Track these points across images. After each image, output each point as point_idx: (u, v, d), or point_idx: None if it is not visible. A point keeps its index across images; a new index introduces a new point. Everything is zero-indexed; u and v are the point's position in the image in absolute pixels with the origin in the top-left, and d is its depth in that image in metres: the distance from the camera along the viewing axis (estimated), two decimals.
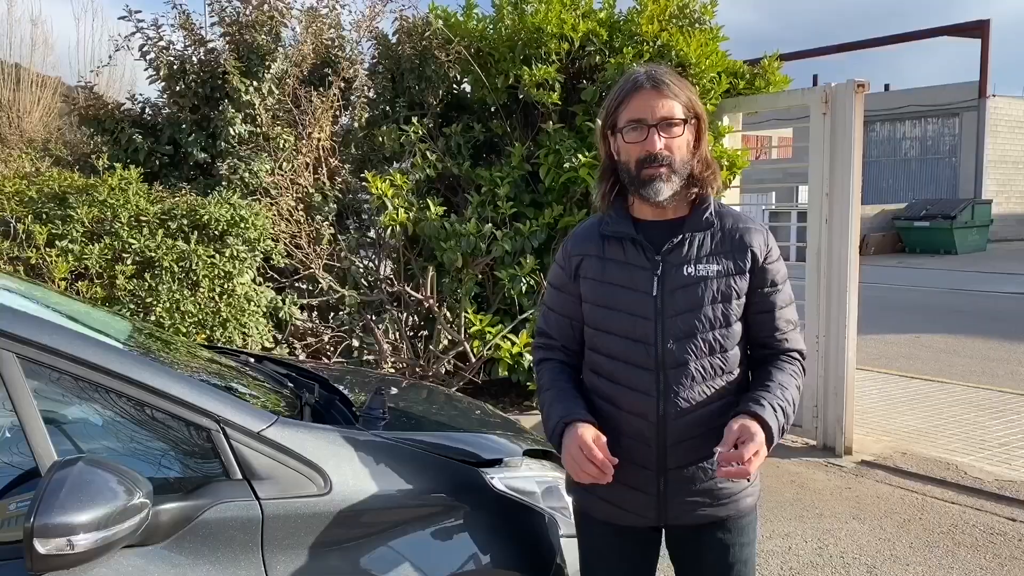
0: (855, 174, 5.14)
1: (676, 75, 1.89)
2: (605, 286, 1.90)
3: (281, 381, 2.48)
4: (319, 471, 1.82)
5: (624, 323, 1.87)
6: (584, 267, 1.93)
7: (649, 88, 1.82)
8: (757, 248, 1.88)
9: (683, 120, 1.83)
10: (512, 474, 2.15)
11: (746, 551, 1.93)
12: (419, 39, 5.81)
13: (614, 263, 1.90)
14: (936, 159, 27.50)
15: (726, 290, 1.85)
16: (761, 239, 1.89)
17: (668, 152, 1.82)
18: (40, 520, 1.40)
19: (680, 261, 1.85)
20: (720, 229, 1.88)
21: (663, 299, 1.85)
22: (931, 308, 12.22)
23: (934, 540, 4.05)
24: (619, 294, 1.88)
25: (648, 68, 1.88)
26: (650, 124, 1.81)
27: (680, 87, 1.85)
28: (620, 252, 1.89)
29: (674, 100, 1.83)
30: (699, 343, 1.84)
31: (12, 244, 4.17)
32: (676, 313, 1.84)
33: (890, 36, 25.38)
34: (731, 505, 1.90)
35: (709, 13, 5.91)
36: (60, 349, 1.66)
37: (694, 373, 1.84)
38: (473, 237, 5.40)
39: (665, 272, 1.85)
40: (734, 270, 1.86)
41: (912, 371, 7.81)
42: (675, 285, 1.85)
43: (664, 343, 1.84)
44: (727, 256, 1.86)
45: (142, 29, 5.35)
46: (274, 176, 5.33)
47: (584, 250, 1.95)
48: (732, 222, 1.90)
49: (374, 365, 5.53)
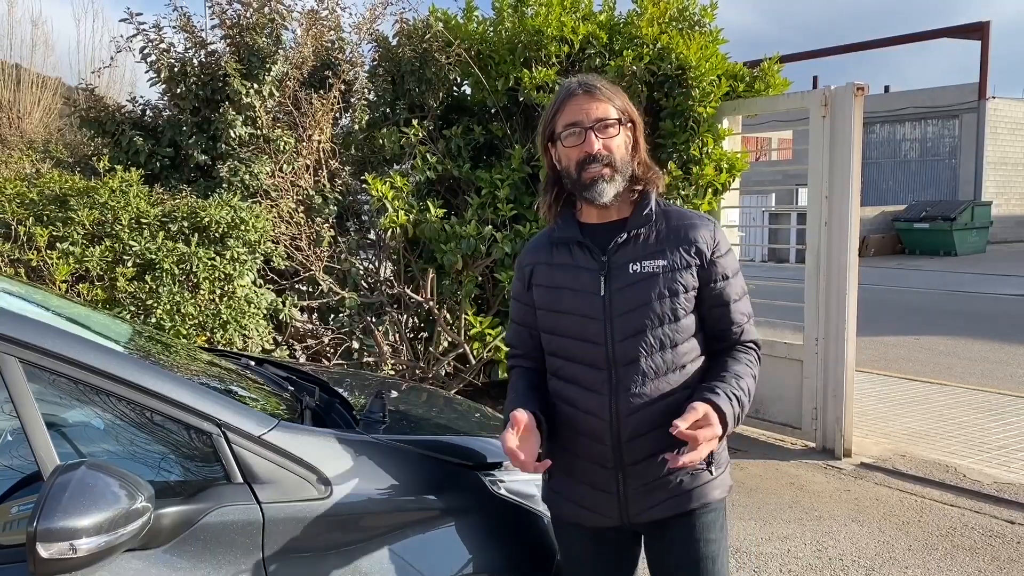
0: (854, 177, 5.15)
1: (608, 82, 1.95)
2: (554, 291, 1.95)
3: (281, 384, 2.49)
4: (319, 475, 1.83)
5: (575, 325, 1.92)
6: (535, 275, 2.00)
7: (582, 94, 1.89)
8: (703, 242, 1.90)
9: (617, 120, 1.89)
10: (511, 477, 2.16)
11: (713, 547, 1.93)
12: (419, 41, 5.82)
13: (562, 268, 1.95)
14: (936, 160, 27.51)
15: (673, 285, 1.87)
16: (708, 233, 1.92)
17: (607, 151, 1.87)
18: (43, 524, 1.41)
19: (625, 260, 1.89)
20: (664, 225, 1.92)
21: (610, 298, 1.88)
22: (930, 310, 12.23)
23: (933, 543, 4.06)
24: (567, 296, 1.93)
25: (581, 77, 1.95)
26: (586, 126, 1.87)
27: (612, 92, 1.92)
28: (568, 256, 1.95)
29: (607, 103, 1.89)
30: (649, 339, 1.87)
31: (13, 246, 4.18)
32: (624, 311, 1.87)
33: (890, 37, 25.40)
34: (693, 498, 1.90)
35: (709, 16, 5.92)
36: (62, 353, 1.67)
37: (645, 369, 1.87)
38: (473, 239, 5.41)
39: (611, 271, 1.89)
40: (680, 264, 1.88)
41: (911, 373, 7.82)
42: (621, 283, 1.88)
43: (614, 341, 1.87)
44: (672, 251, 1.89)
45: (143, 31, 5.36)
46: (274, 178, 5.34)
47: (535, 259, 2.01)
48: (676, 218, 1.94)
49: (374, 367, 5.54)
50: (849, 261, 5.19)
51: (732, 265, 1.94)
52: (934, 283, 15.59)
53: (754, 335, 1.98)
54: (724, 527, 1.97)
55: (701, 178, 5.54)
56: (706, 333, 1.95)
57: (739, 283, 1.95)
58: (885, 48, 25.51)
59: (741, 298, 1.95)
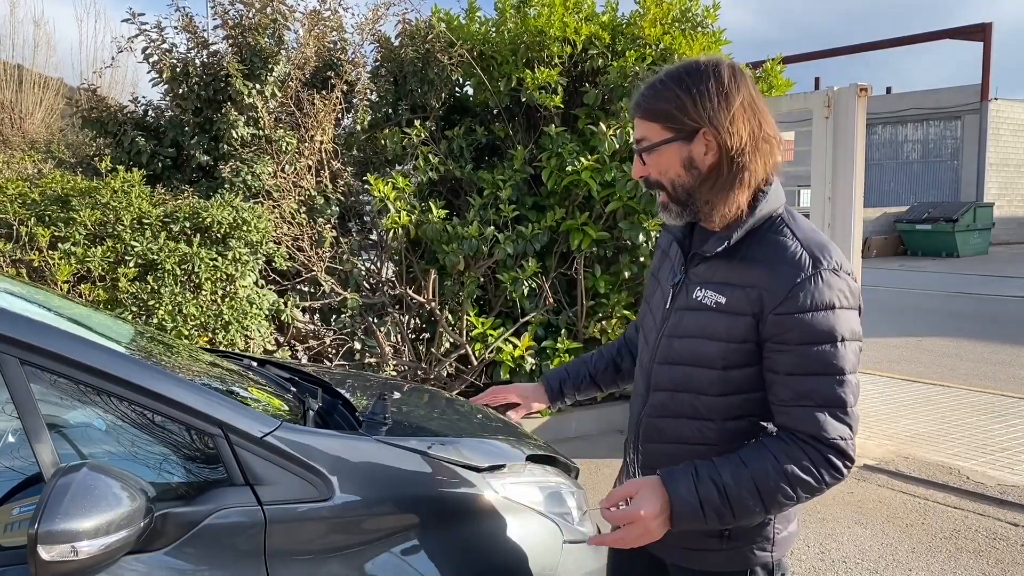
0: (857, 178, 5.14)
1: (659, 85, 1.60)
2: (654, 280, 1.83)
3: (283, 385, 2.48)
4: (322, 476, 1.81)
5: (648, 324, 1.78)
6: (655, 257, 1.89)
7: (633, 111, 1.65)
8: (771, 289, 1.51)
9: (661, 141, 1.58)
10: (515, 479, 2.15)
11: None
12: (422, 42, 5.81)
13: (668, 262, 1.79)
14: (938, 162, 27.50)
15: (717, 327, 1.57)
16: (785, 279, 1.50)
17: (655, 175, 1.62)
18: (44, 527, 1.40)
19: (697, 280, 1.64)
20: (749, 255, 1.57)
21: (669, 315, 1.70)
22: (933, 311, 12.21)
23: (936, 545, 4.04)
24: (656, 294, 1.78)
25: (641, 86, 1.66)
26: (636, 150, 1.65)
27: (658, 100, 1.58)
28: (676, 253, 1.76)
29: (644, 120, 1.60)
30: (678, 374, 1.64)
31: (15, 246, 4.17)
32: (672, 334, 1.67)
33: (892, 39, 25.40)
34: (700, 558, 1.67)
35: (712, 16, 5.92)
36: (64, 354, 1.66)
37: (667, 402, 1.67)
38: (475, 240, 5.40)
39: (681, 286, 1.68)
40: (736, 309, 1.55)
41: (914, 375, 7.81)
42: (682, 305, 1.67)
43: (654, 360, 1.71)
44: (738, 290, 1.56)
45: (145, 31, 5.35)
46: (276, 179, 5.33)
47: (662, 244, 1.87)
48: (768, 250, 1.56)
49: (376, 368, 5.53)
50: (852, 262, 5.18)
51: (812, 328, 1.49)
52: (936, 284, 15.57)
53: (820, 429, 1.50)
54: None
55: None
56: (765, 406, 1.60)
57: (819, 356, 1.49)
58: (887, 49, 25.51)
59: (809, 375, 1.50)
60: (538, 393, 2.11)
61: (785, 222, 1.60)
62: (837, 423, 1.50)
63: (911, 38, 25.30)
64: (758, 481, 1.50)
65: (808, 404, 1.50)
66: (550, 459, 2.43)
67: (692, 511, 1.50)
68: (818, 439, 1.50)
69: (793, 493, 1.50)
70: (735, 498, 1.50)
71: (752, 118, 1.58)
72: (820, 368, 1.50)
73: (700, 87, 1.55)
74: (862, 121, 5.13)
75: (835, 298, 1.50)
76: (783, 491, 1.50)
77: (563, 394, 2.10)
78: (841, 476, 1.52)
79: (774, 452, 1.52)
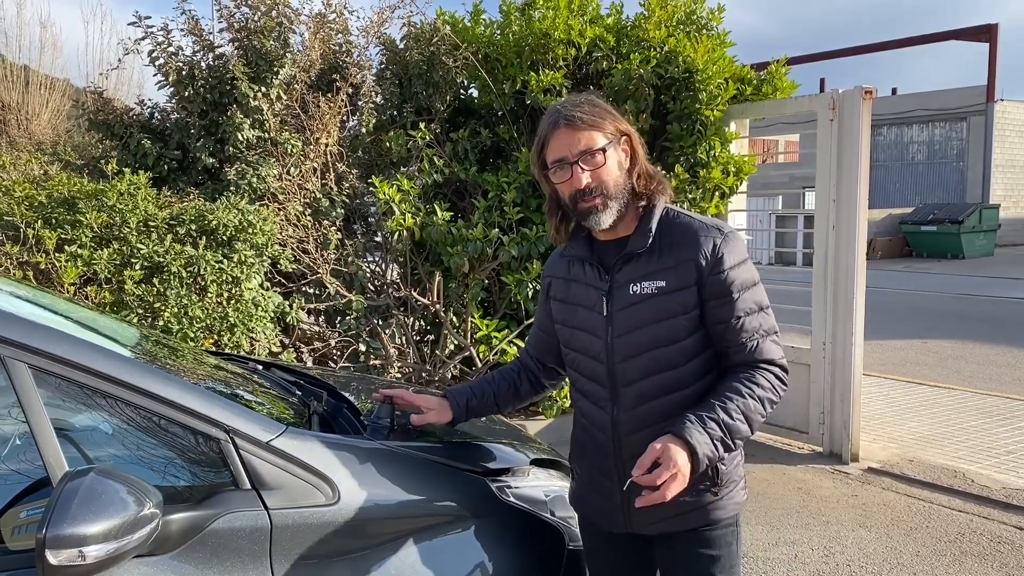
0: (862, 181, 5.14)
1: (591, 104, 1.89)
2: (568, 306, 2.00)
3: (288, 389, 2.49)
4: (327, 481, 1.82)
5: (584, 340, 1.96)
6: (553, 288, 2.06)
7: (563, 126, 1.84)
8: (702, 258, 1.83)
9: (602, 149, 1.83)
10: (519, 483, 2.16)
11: (720, 562, 1.91)
12: (427, 45, 5.82)
13: (576, 283, 1.98)
14: (943, 163, 27.44)
15: (671, 306, 1.84)
16: (709, 247, 1.83)
17: (596, 182, 1.83)
18: (52, 531, 1.41)
19: (627, 279, 1.87)
20: (667, 243, 1.86)
21: (612, 318, 1.88)
22: (938, 313, 12.19)
23: (941, 548, 4.04)
24: (580, 312, 1.96)
25: (563, 104, 1.90)
26: (571, 161, 1.83)
27: (596, 114, 1.85)
28: (581, 272, 1.97)
29: (590, 130, 1.84)
30: (646, 361, 1.86)
31: (22, 249, 4.19)
32: (623, 332, 1.87)
33: (897, 40, 25.37)
34: (695, 518, 1.89)
35: (716, 19, 5.92)
36: (71, 359, 1.67)
37: (643, 390, 1.87)
38: (480, 242, 5.41)
39: (613, 291, 1.89)
40: (678, 285, 1.83)
41: (919, 377, 7.79)
42: (621, 304, 1.87)
43: (614, 361, 1.89)
44: (672, 270, 1.84)
45: (151, 34, 5.37)
46: (282, 181, 5.34)
47: (553, 272, 2.07)
48: (680, 232, 1.87)
49: (381, 370, 5.54)
50: (857, 264, 5.18)
51: (740, 279, 1.85)
52: (941, 286, 15.54)
53: (770, 353, 1.87)
54: (735, 543, 1.94)
55: (708, 181, 5.54)
56: (714, 351, 1.89)
57: (750, 298, 1.86)
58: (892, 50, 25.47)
59: (750, 314, 1.85)
60: (443, 408, 2.17)
61: (677, 211, 1.93)
62: (777, 347, 1.89)
63: (917, 39, 25.26)
64: (743, 408, 1.79)
65: (757, 336, 1.85)
66: (554, 463, 2.44)
67: (708, 448, 1.74)
68: (771, 362, 1.87)
69: (765, 410, 1.84)
70: (731, 426, 1.78)
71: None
72: (756, 307, 1.86)
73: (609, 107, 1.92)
74: (867, 123, 5.13)
75: (744, 252, 1.88)
76: (760, 410, 1.82)
77: (467, 413, 2.19)
78: (786, 387, 1.89)
79: (743, 383, 1.83)
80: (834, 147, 5.22)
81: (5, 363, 1.61)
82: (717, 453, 1.77)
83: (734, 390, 1.82)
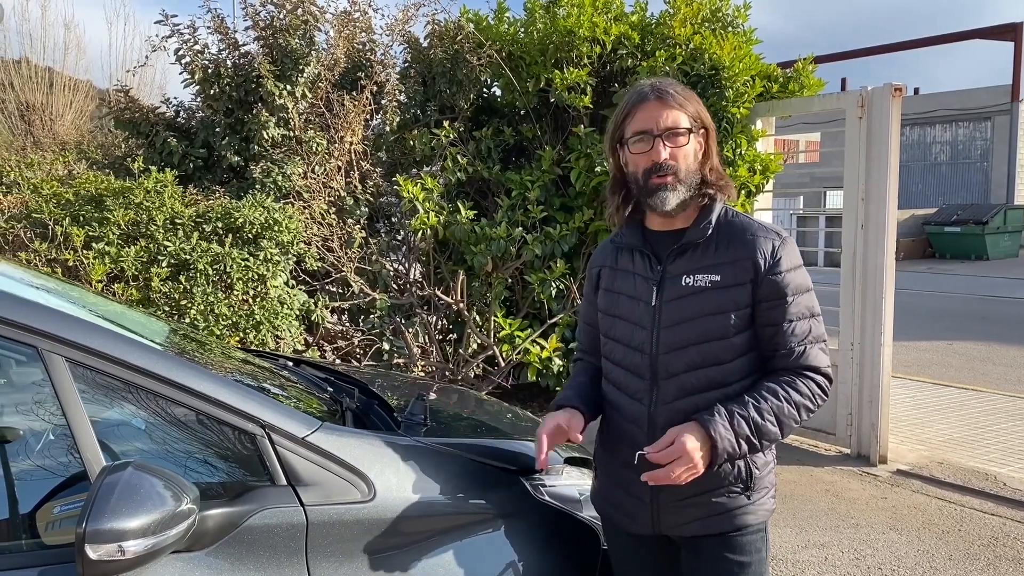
0: (891, 179, 5.07)
1: (683, 87, 1.90)
2: (613, 295, 1.97)
3: (320, 385, 2.47)
4: (363, 477, 1.80)
5: (626, 331, 1.92)
6: (601, 278, 2.03)
7: (654, 100, 1.84)
8: (760, 258, 1.81)
9: (688, 130, 1.84)
10: (554, 481, 2.13)
11: (748, 569, 1.86)
12: (450, 43, 5.81)
13: (623, 273, 1.96)
14: (967, 163, 27.14)
15: (724, 302, 1.81)
16: (768, 248, 1.82)
17: (673, 161, 1.83)
18: (92, 525, 1.40)
19: (680, 271, 1.85)
20: (724, 238, 1.85)
21: (661, 308, 1.86)
22: (963, 315, 12.04)
23: (974, 552, 3.97)
24: (623, 302, 1.94)
25: (654, 81, 1.90)
26: (655, 135, 1.83)
27: (686, 98, 1.86)
28: (629, 262, 1.95)
29: (679, 111, 1.84)
30: (692, 355, 1.83)
31: (50, 246, 4.21)
32: (672, 323, 1.84)
33: (920, 39, 25.09)
34: (726, 521, 1.85)
35: (742, 16, 5.87)
36: (108, 353, 1.66)
37: (685, 384, 1.84)
38: (503, 241, 5.39)
39: (664, 282, 1.87)
40: (733, 281, 1.82)
41: (946, 379, 7.69)
42: (672, 295, 1.85)
43: (658, 352, 1.85)
44: (728, 266, 1.83)
45: (178, 32, 5.39)
46: (307, 179, 5.35)
47: (602, 261, 2.04)
48: (739, 231, 1.86)
49: (404, 368, 5.53)
50: (886, 264, 5.11)
51: (794, 283, 1.83)
52: (966, 288, 15.36)
53: (816, 360, 1.85)
54: (763, 550, 1.91)
55: (735, 179, 5.48)
56: (761, 351, 1.87)
57: (803, 303, 1.84)
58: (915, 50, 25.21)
59: (801, 319, 1.84)
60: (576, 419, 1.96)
61: (734, 211, 1.91)
62: (824, 355, 1.87)
63: (940, 38, 24.97)
64: (776, 411, 1.78)
65: (806, 343, 1.84)
66: (587, 461, 2.40)
67: (730, 444, 1.74)
68: (816, 370, 1.85)
69: (800, 417, 1.82)
70: (761, 426, 1.77)
71: None
72: (808, 312, 1.85)
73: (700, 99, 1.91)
74: (897, 121, 5.06)
75: (799, 258, 1.87)
76: (795, 416, 1.81)
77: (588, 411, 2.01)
78: (826, 397, 1.87)
79: (782, 386, 1.81)
80: (863, 145, 5.15)
81: (43, 356, 1.60)
82: (739, 451, 1.76)
83: (771, 391, 1.81)
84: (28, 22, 12.58)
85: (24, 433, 1.92)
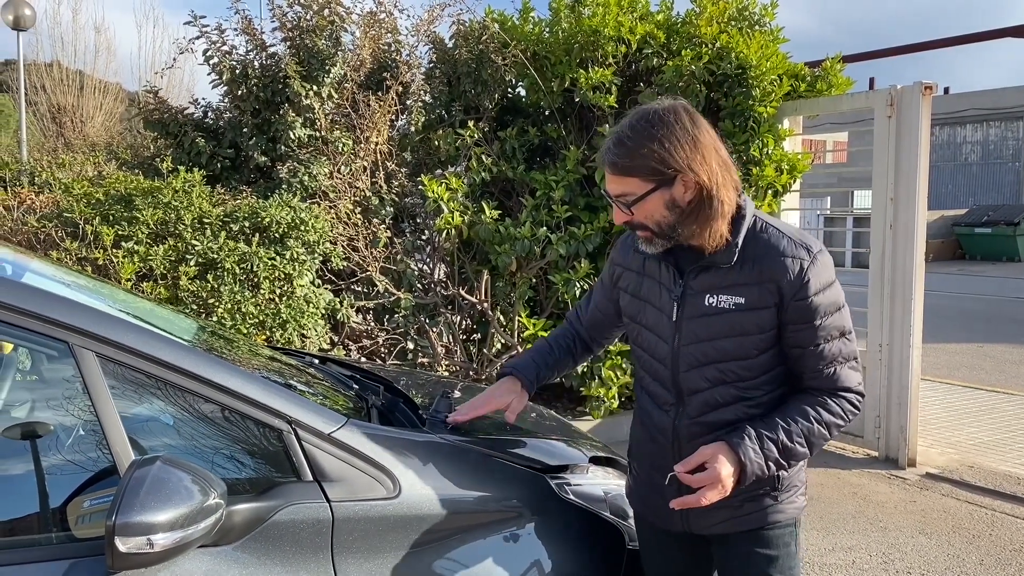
0: (921, 179, 5.01)
1: (639, 135, 1.71)
2: (639, 302, 1.94)
3: (345, 382, 2.48)
4: (388, 474, 1.81)
5: (651, 341, 1.91)
6: (623, 280, 1.99)
7: (606, 165, 1.78)
8: (786, 283, 1.72)
9: (644, 193, 1.73)
10: (579, 480, 2.12)
11: (778, 563, 1.87)
12: (475, 43, 5.82)
13: (650, 280, 1.91)
14: (998, 164, 26.75)
15: (747, 324, 1.76)
16: (796, 269, 1.72)
17: (640, 219, 1.77)
18: (121, 519, 1.41)
19: (703, 288, 1.80)
20: (750, 256, 1.76)
21: (680, 326, 1.82)
22: (994, 317, 11.87)
23: (1006, 557, 3.91)
24: (650, 313, 1.90)
25: (609, 137, 1.77)
26: (618, 204, 1.79)
27: (634, 156, 1.71)
28: (656, 270, 1.89)
29: (628, 178, 1.74)
30: (714, 372, 1.80)
31: (80, 245, 4.27)
32: (692, 342, 1.81)
33: (949, 38, 24.73)
34: (754, 520, 1.86)
35: (769, 15, 5.83)
36: (138, 348, 1.67)
37: (710, 400, 1.82)
38: (527, 241, 5.38)
39: (686, 298, 1.82)
40: (757, 304, 1.75)
41: (976, 381, 7.59)
42: (693, 313, 1.81)
43: (679, 369, 1.84)
44: (753, 287, 1.75)
45: (206, 33, 5.44)
46: (333, 179, 5.38)
47: (627, 263, 1.98)
48: (766, 249, 1.75)
49: (428, 367, 5.55)
50: (915, 265, 5.05)
51: (824, 305, 1.75)
52: (997, 289, 15.14)
53: (847, 381, 1.79)
54: (792, 544, 1.90)
55: (762, 179, 5.45)
56: (789, 368, 1.83)
57: (832, 324, 1.76)
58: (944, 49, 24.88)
59: (830, 341, 1.77)
60: (514, 392, 2.08)
61: (765, 222, 1.81)
62: (855, 373, 1.82)
63: (970, 37, 24.60)
64: (806, 433, 1.77)
65: (836, 364, 1.78)
66: (611, 460, 2.39)
67: (759, 467, 1.74)
68: (847, 389, 1.80)
69: (829, 435, 1.80)
70: (790, 449, 1.76)
71: (714, 150, 1.75)
72: (837, 333, 1.78)
73: (670, 137, 1.71)
74: (927, 120, 5.00)
75: (830, 274, 1.78)
76: (824, 436, 1.79)
77: (536, 385, 2.13)
78: (857, 412, 1.84)
79: (813, 407, 1.78)
80: (892, 144, 5.09)
81: (74, 351, 1.62)
82: (767, 473, 1.76)
83: (802, 412, 1.78)
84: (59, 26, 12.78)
85: (55, 428, 1.95)
